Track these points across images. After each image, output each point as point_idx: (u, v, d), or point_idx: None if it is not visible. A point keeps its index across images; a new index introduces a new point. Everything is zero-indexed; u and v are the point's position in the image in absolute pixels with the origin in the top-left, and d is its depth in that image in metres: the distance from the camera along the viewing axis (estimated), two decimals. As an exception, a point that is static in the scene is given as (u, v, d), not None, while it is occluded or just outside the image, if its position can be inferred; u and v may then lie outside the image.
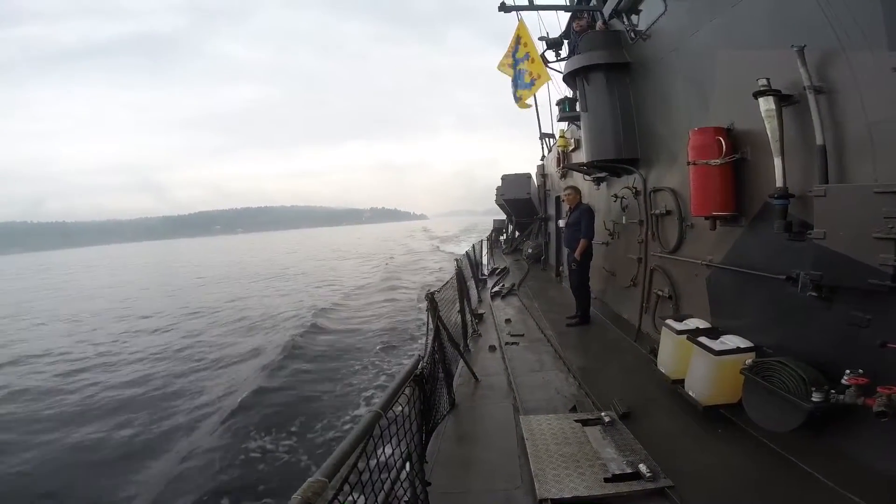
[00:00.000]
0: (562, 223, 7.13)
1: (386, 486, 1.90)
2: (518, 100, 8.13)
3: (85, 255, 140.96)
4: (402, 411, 2.20)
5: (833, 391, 2.53)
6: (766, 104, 2.99)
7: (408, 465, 2.27)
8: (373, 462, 1.69)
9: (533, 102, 13.77)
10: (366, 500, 1.59)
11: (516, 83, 7.78)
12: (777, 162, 3.03)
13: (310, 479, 1.23)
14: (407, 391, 2.35)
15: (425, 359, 3.09)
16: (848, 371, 2.47)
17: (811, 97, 2.75)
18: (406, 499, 2.23)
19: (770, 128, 3.01)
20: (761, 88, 3.00)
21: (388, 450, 1.98)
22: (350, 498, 1.45)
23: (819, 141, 2.75)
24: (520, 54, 7.38)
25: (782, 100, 2.98)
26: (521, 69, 7.47)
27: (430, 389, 3.17)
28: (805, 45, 2.76)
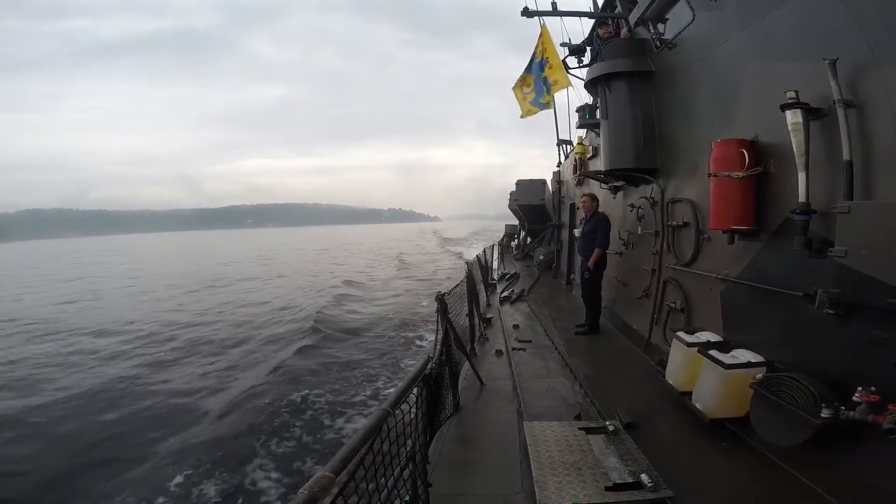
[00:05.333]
0: (577, 232, 7.08)
1: (389, 484, 1.89)
2: (544, 106, 8.09)
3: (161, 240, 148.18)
4: (409, 411, 2.20)
5: (843, 408, 2.51)
6: (794, 117, 2.93)
7: (410, 464, 2.26)
8: (378, 459, 1.69)
9: (552, 107, 13.71)
10: (370, 496, 1.59)
11: (540, 90, 7.74)
12: (801, 176, 2.96)
13: (317, 475, 1.24)
14: (415, 391, 2.35)
15: (434, 360, 3.08)
16: (860, 388, 2.45)
17: (840, 111, 2.69)
18: (407, 498, 2.22)
19: (796, 141, 2.95)
20: (789, 101, 2.94)
21: (394, 448, 1.97)
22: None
23: (846, 156, 2.69)
24: (545, 59, 7.37)
25: (810, 113, 2.92)
26: (543, 76, 7.44)
27: (436, 391, 3.16)
28: (837, 58, 2.70)
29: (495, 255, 15.83)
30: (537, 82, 7.78)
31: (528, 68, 8.02)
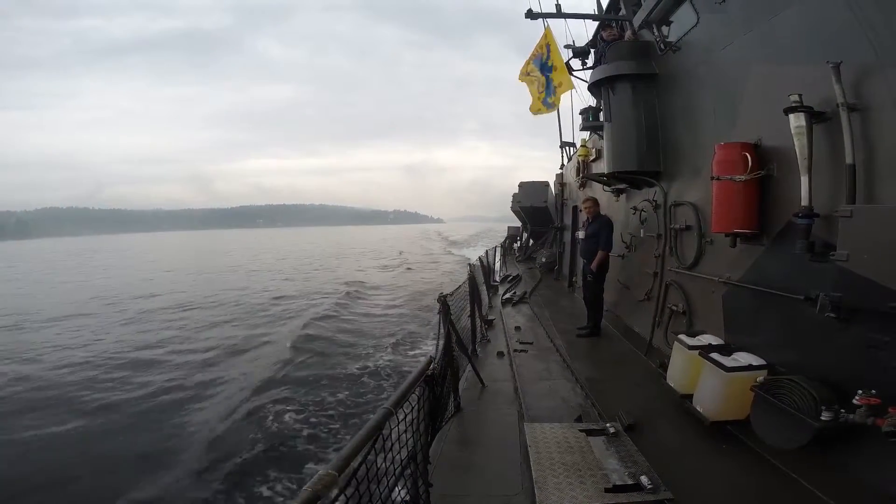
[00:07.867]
0: (581, 234, 7.07)
1: (390, 483, 1.90)
2: (551, 106, 8.04)
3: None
4: (411, 411, 2.21)
5: (843, 410, 2.52)
6: (797, 120, 2.93)
7: (412, 464, 2.27)
8: (380, 458, 1.70)
9: (556, 109, 13.66)
10: (371, 495, 1.60)
11: (547, 90, 7.71)
12: (804, 180, 2.96)
13: (320, 473, 1.25)
14: (417, 391, 2.35)
15: (436, 360, 3.09)
16: (860, 391, 2.45)
17: (844, 115, 2.69)
18: (408, 497, 2.23)
19: (799, 145, 2.94)
20: (793, 104, 2.94)
21: (395, 448, 1.98)
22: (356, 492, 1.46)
23: (849, 160, 2.69)
24: (549, 62, 7.35)
25: (813, 117, 2.92)
26: (550, 77, 7.42)
27: (438, 391, 3.17)
28: (841, 62, 2.70)
29: (497, 257, 15.82)
30: (548, 84, 7.74)
31: (541, 69, 7.97)
